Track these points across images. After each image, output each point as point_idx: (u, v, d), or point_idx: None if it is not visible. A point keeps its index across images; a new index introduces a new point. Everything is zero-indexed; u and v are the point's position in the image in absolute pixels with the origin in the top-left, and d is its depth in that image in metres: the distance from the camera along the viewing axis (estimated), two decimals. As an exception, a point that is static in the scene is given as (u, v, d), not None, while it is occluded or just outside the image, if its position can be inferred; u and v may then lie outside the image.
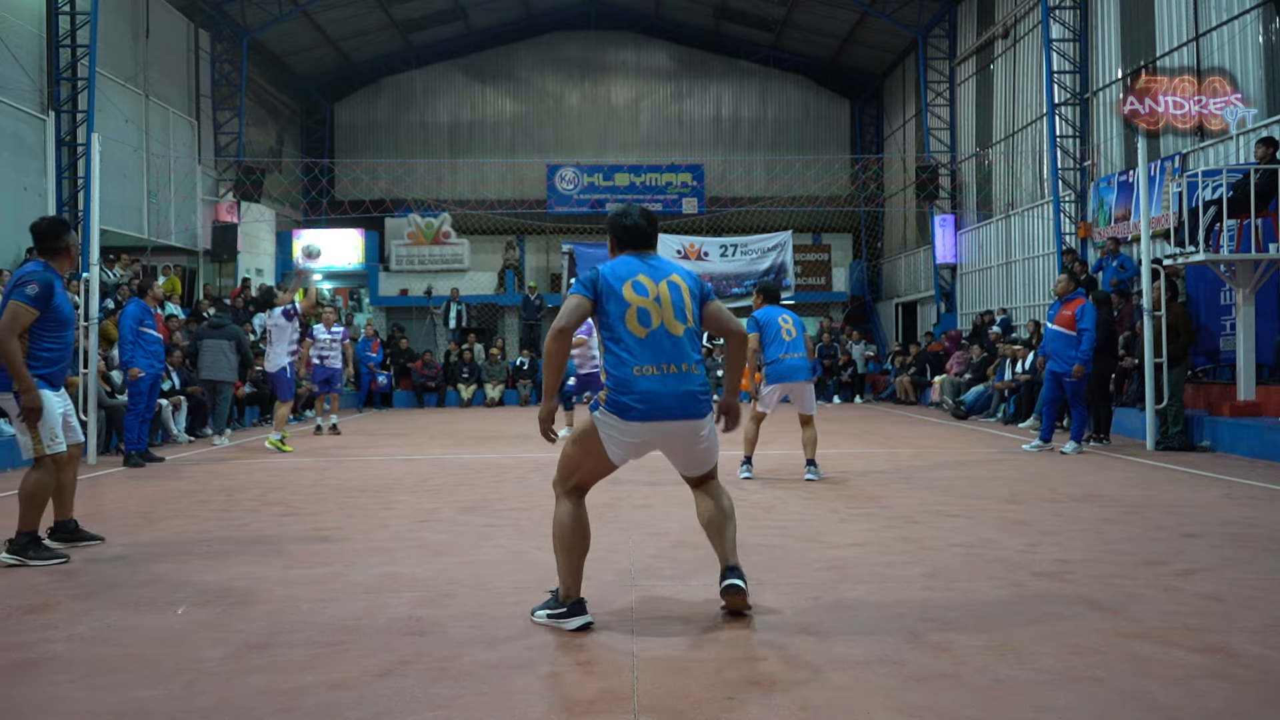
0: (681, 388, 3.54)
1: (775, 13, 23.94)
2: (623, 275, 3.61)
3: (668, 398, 3.51)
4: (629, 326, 3.54)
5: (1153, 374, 9.67)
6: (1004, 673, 3.02)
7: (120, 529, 5.76)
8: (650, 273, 3.64)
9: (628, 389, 3.50)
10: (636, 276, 3.61)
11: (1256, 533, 5.29)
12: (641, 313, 3.55)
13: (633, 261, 3.68)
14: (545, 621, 3.56)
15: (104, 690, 2.96)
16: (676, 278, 3.69)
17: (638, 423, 3.51)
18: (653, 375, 3.51)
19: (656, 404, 3.50)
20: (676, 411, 3.53)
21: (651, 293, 3.59)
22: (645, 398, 3.49)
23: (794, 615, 3.70)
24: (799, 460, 9.03)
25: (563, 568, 3.58)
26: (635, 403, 3.50)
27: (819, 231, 25.82)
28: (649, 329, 3.55)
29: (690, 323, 3.63)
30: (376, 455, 10.14)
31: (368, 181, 23.74)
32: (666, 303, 3.59)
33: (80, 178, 15.20)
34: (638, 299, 3.56)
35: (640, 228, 3.76)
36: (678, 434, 3.58)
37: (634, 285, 3.58)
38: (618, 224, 3.77)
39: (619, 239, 3.76)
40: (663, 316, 3.57)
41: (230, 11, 20.54)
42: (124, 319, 9.25)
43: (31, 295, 4.80)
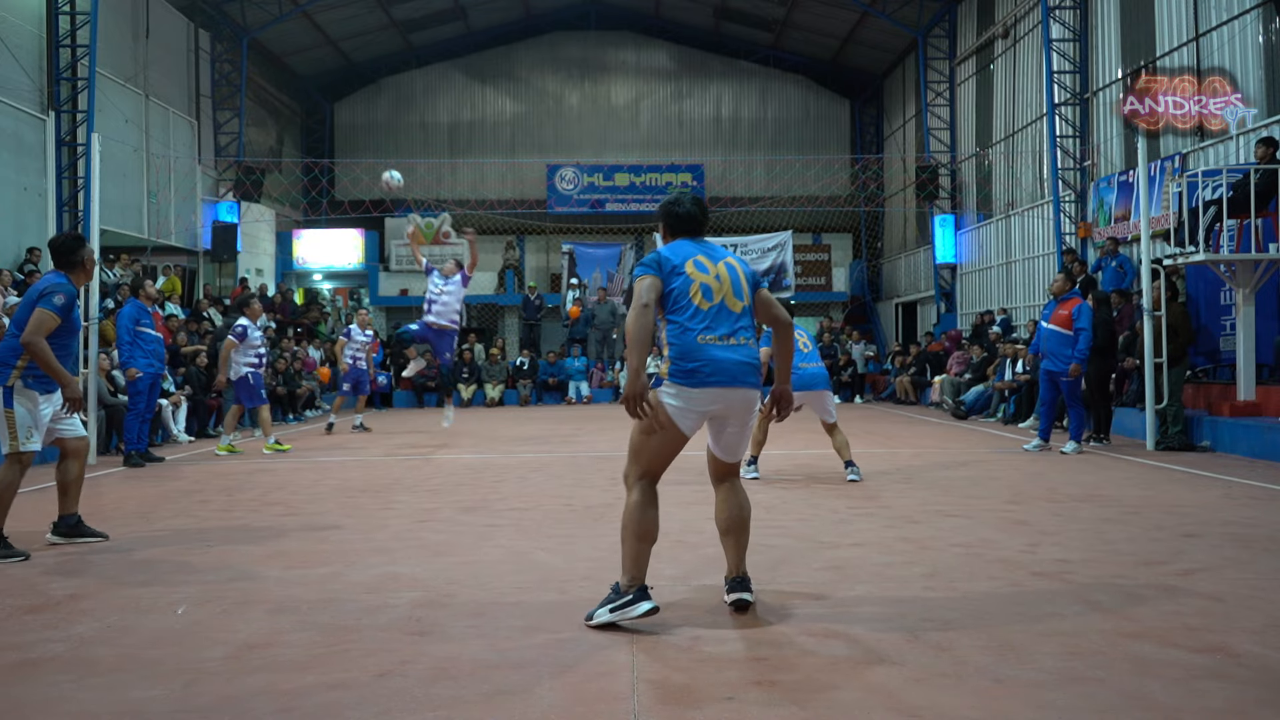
0: (743, 357, 3.68)
1: (775, 13, 23.94)
2: (684, 256, 3.77)
3: (732, 365, 3.64)
4: (694, 300, 3.68)
5: (1153, 374, 9.67)
6: (1004, 673, 3.03)
7: (120, 529, 5.76)
8: (708, 254, 3.80)
9: (695, 356, 3.61)
10: (696, 257, 3.76)
11: (1256, 533, 5.29)
12: (704, 287, 3.70)
13: (689, 245, 3.84)
14: (609, 619, 3.51)
15: (104, 690, 2.96)
16: (732, 260, 3.86)
17: (705, 388, 3.61)
18: (717, 344, 3.64)
19: (722, 370, 3.62)
20: (740, 379, 3.66)
21: (711, 271, 3.75)
22: (712, 363, 3.61)
23: (794, 615, 3.70)
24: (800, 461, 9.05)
25: (630, 555, 3.58)
26: (703, 368, 3.60)
27: (819, 231, 25.82)
28: (711, 303, 3.69)
29: (746, 301, 3.79)
30: (376, 455, 10.14)
31: (368, 181, 23.71)
32: (725, 281, 3.74)
33: (80, 178, 15.20)
34: (699, 275, 3.72)
35: (693, 214, 3.92)
36: (737, 403, 3.69)
37: (695, 264, 3.74)
38: (671, 211, 3.93)
39: (671, 226, 3.92)
40: (723, 293, 3.72)
41: (230, 11, 20.54)
42: (120, 319, 9.26)
43: (58, 305, 5.13)
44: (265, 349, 10.64)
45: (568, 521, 5.84)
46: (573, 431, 12.98)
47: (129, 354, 9.13)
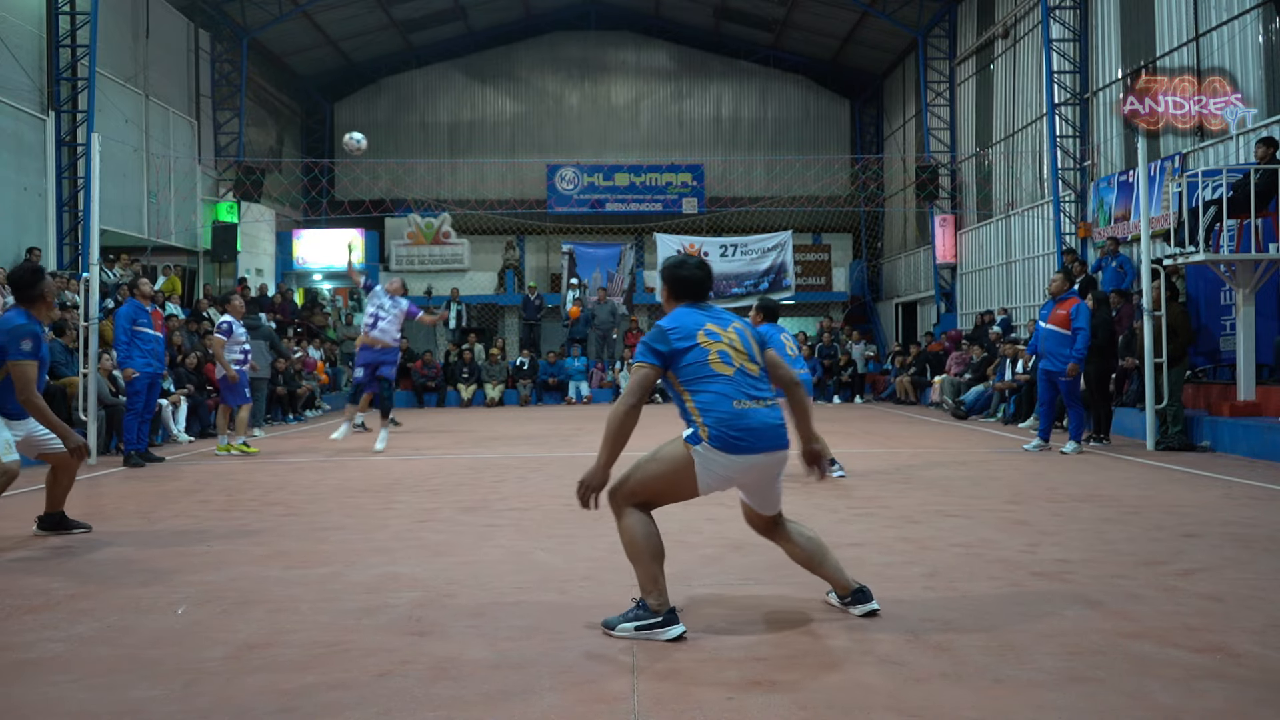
0: (775, 419, 3.58)
1: (775, 13, 23.95)
2: (691, 326, 3.60)
3: (768, 430, 3.53)
4: (715, 368, 3.54)
5: (1152, 374, 9.67)
6: (1004, 673, 3.03)
7: (120, 529, 5.76)
8: (717, 321, 3.66)
9: (735, 424, 3.47)
10: (706, 326, 3.61)
11: (1256, 533, 5.29)
12: (723, 354, 3.57)
13: (695, 313, 3.67)
14: (632, 635, 3.41)
15: (104, 690, 2.96)
16: (740, 324, 3.73)
17: (745, 455, 3.49)
18: (752, 409, 3.52)
19: (760, 436, 3.50)
20: (774, 442, 3.56)
21: (724, 338, 3.60)
22: (751, 431, 3.49)
23: (794, 615, 3.70)
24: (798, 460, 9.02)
25: (649, 577, 3.48)
26: (744, 436, 3.48)
27: (819, 231, 25.83)
28: (733, 368, 3.56)
29: (761, 363, 3.68)
30: (376, 455, 10.13)
31: (368, 181, 23.75)
32: (739, 346, 3.62)
33: (80, 178, 15.21)
34: (714, 344, 3.57)
35: (698, 278, 3.76)
36: (773, 466, 3.59)
37: (706, 333, 3.59)
38: (676, 275, 3.77)
39: (675, 290, 3.76)
40: (741, 359, 3.60)
41: (230, 11, 20.54)
42: (118, 319, 9.24)
43: (28, 350, 5.19)
44: (250, 345, 10.61)
45: (568, 521, 5.84)
46: (573, 431, 12.98)
47: (126, 353, 9.11)
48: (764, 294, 22.93)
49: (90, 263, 9.78)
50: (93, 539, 5.45)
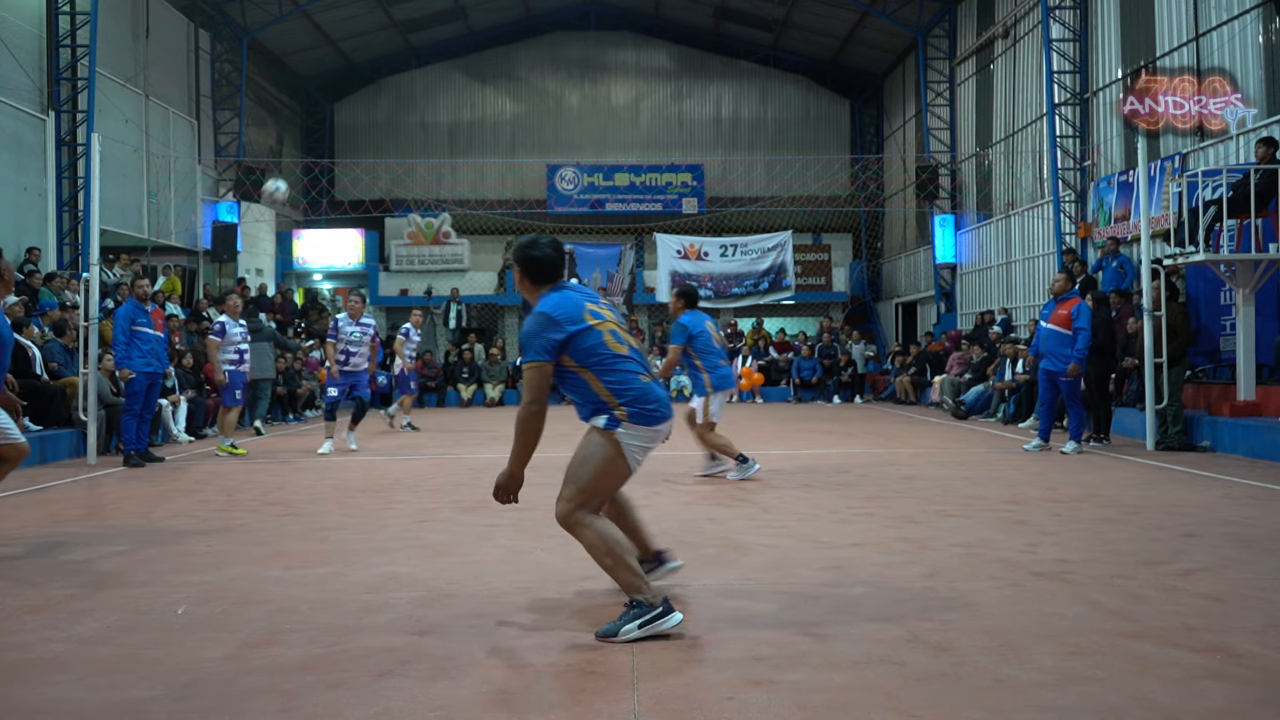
0: (663, 388, 3.81)
1: (775, 13, 23.94)
2: (575, 309, 3.64)
3: (666, 398, 3.76)
4: (613, 349, 3.64)
5: (1152, 374, 9.67)
6: (1004, 673, 3.03)
7: (120, 529, 5.76)
8: (590, 299, 3.76)
9: (647, 398, 3.64)
10: (586, 306, 3.69)
11: (1256, 533, 5.29)
12: (614, 334, 3.69)
13: (569, 294, 3.71)
14: (639, 634, 3.39)
15: (104, 690, 2.96)
16: (606, 301, 3.90)
17: (659, 424, 3.70)
18: (650, 381, 3.72)
19: (665, 404, 3.72)
20: (671, 408, 3.81)
21: (606, 316, 3.72)
22: (660, 401, 3.69)
23: (794, 615, 3.70)
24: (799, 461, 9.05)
25: (630, 578, 3.51)
26: (658, 406, 3.67)
27: (819, 231, 25.83)
28: (625, 345, 3.70)
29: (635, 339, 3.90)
30: (377, 455, 10.14)
31: (368, 181, 23.75)
32: (617, 323, 3.78)
33: (80, 178, 15.21)
34: (602, 324, 3.66)
35: (552, 259, 3.79)
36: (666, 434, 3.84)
37: (591, 314, 3.67)
38: (529, 256, 3.76)
39: (533, 273, 3.75)
40: (625, 335, 3.76)
41: (230, 11, 20.54)
42: (116, 319, 9.21)
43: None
44: (246, 346, 10.58)
45: (568, 521, 5.83)
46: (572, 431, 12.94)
47: (124, 354, 9.09)
48: (764, 294, 23.04)
49: (90, 263, 9.78)
50: (93, 539, 5.44)
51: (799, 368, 20.28)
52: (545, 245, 3.78)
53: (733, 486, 7.32)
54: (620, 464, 3.64)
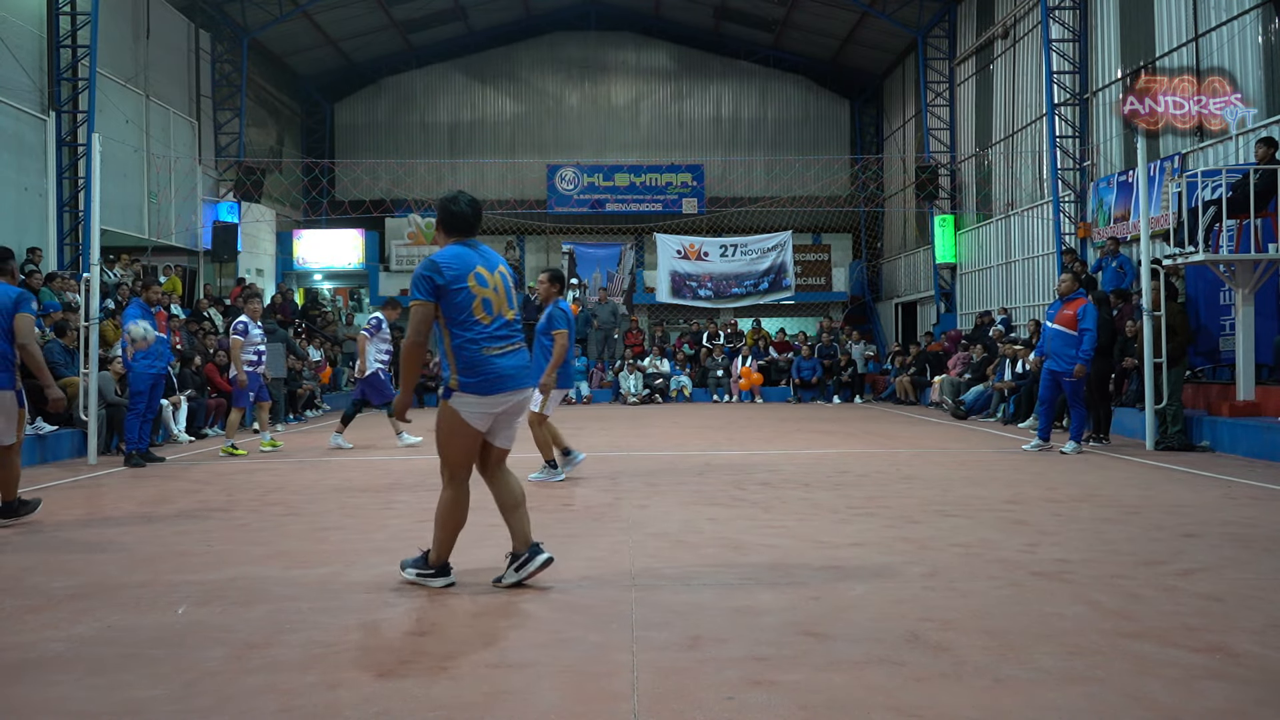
0: (521, 362, 4.12)
1: (775, 13, 23.95)
2: (463, 269, 3.99)
3: (513, 370, 4.06)
4: (476, 315, 3.99)
5: (1152, 374, 9.67)
6: (1004, 673, 3.03)
7: (121, 529, 5.76)
8: (486, 264, 4.07)
9: (481, 369, 3.98)
10: (476, 269, 4.01)
11: (1256, 533, 5.30)
12: (486, 302, 4.02)
13: (467, 253, 4.06)
14: (413, 578, 4.16)
15: (104, 690, 2.97)
16: (503, 269, 4.16)
17: (496, 395, 4.02)
18: (497, 355, 4.02)
19: (506, 376, 4.03)
20: (521, 382, 4.11)
21: (490, 283, 4.04)
22: (499, 373, 4.01)
23: (794, 615, 3.70)
24: (799, 461, 9.05)
25: (442, 541, 4.13)
26: (492, 378, 3.99)
27: (819, 231, 25.84)
28: (492, 316, 4.03)
29: (517, 308, 4.19)
30: (377, 455, 10.14)
31: (368, 181, 23.76)
32: (501, 291, 4.08)
33: (81, 178, 15.21)
34: (481, 290, 4.00)
35: (467, 215, 4.13)
36: (520, 402, 4.15)
37: (476, 277, 4.00)
38: (447, 209, 4.13)
39: (447, 225, 4.13)
40: (500, 304, 4.07)
41: (230, 11, 20.55)
42: (124, 320, 9.21)
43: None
44: (265, 348, 10.63)
45: (568, 521, 5.84)
46: (572, 431, 12.96)
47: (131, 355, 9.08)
48: (764, 294, 23.04)
49: (91, 263, 9.78)
50: (93, 538, 5.45)
51: (799, 368, 20.29)
52: (464, 202, 4.13)
53: (733, 486, 7.32)
54: (461, 427, 4.03)
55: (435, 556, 4.16)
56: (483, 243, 4.22)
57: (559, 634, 3.49)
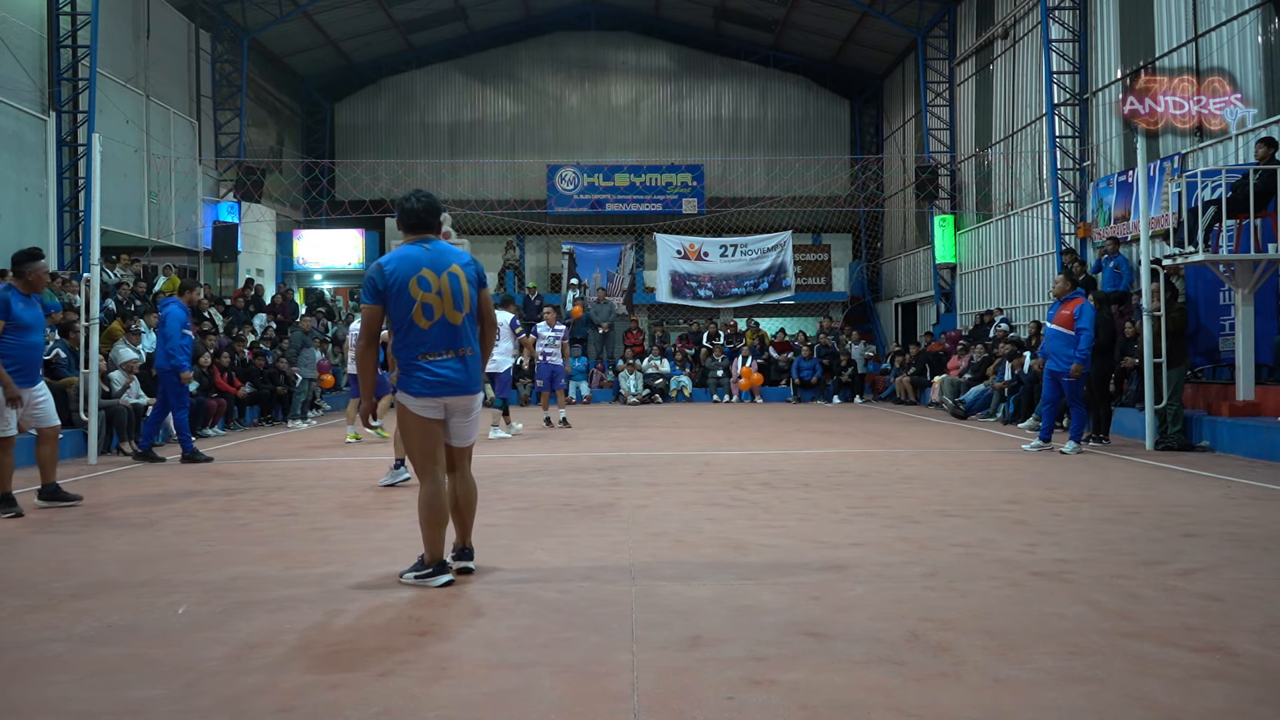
0: (456, 371, 4.10)
1: (775, 13, 23.95)
2: (407, 273, 4.04)
3: (451, 375, 4.08)
4: (416, 320, 4.04)
5: (1152, 374, 9.67)
6: (1004, 673, 3.03)
7: (121, 529, 5.76)
8: (434, 265, 4.08)
9: (416, 374, 4.07)
10: (420, 272, 4.04)
11: (1256, 533, 5.30)
12: (426, 307, 4.04)
13: (416, 254, 4.10)
14: (412, 582, 4.13)
15: (104, 690, 2.97)
16: (456, 268, 4.13)
17: (428, 398, 4.09)
18: (434, 361, 4.06)
19: (442, 381, 4.07)
20: (460, 387, 4.12)
21: (434, 286, 4.05)
22: (432, 377, 4.06)
23: (794, 615, 3.70)
24: (799, 461, 9.04)
25: (429, 539, 4.14)
26: (424, 381, 4.06)
27: (819, 231, 25.84)
28: (431, 320, 4.05)
29: (468, 309, 4.15)
30: (377, 455, 10.13)
31: (368, 181, 23.76)
32: (447, 295, 4.07)
33: (81, 178, 15.21)
34: (421, 294, 4.03)
35: (415, 209, 4.19)
36: (458, 407, 4.17)
37: (419, 281, 4.03)
38: (401, 206, 4.24)
39: (401, 222, 4.24)
40: (443, 308, 4.06)
41: (230, 11, 20.55)
42: (171, 321, 9.20)
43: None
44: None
45: (568, 521, 5.84)
46: (572, 431, 12.98)
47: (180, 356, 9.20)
48: (764, 294, 23.04)
49: (91, 263, 9.78)
50: (93, 538, 5.45)
51: (799, 368, 20.29)
52: (416, 199, 4.21)
53: (733, 486, 7.32)
54: (412, 419, 4.12)
55: (428, 555, 4.18)
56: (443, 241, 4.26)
57: (559, 634, 3.49)
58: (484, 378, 4.62)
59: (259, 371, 14.72)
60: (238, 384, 13.95)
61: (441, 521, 4.17)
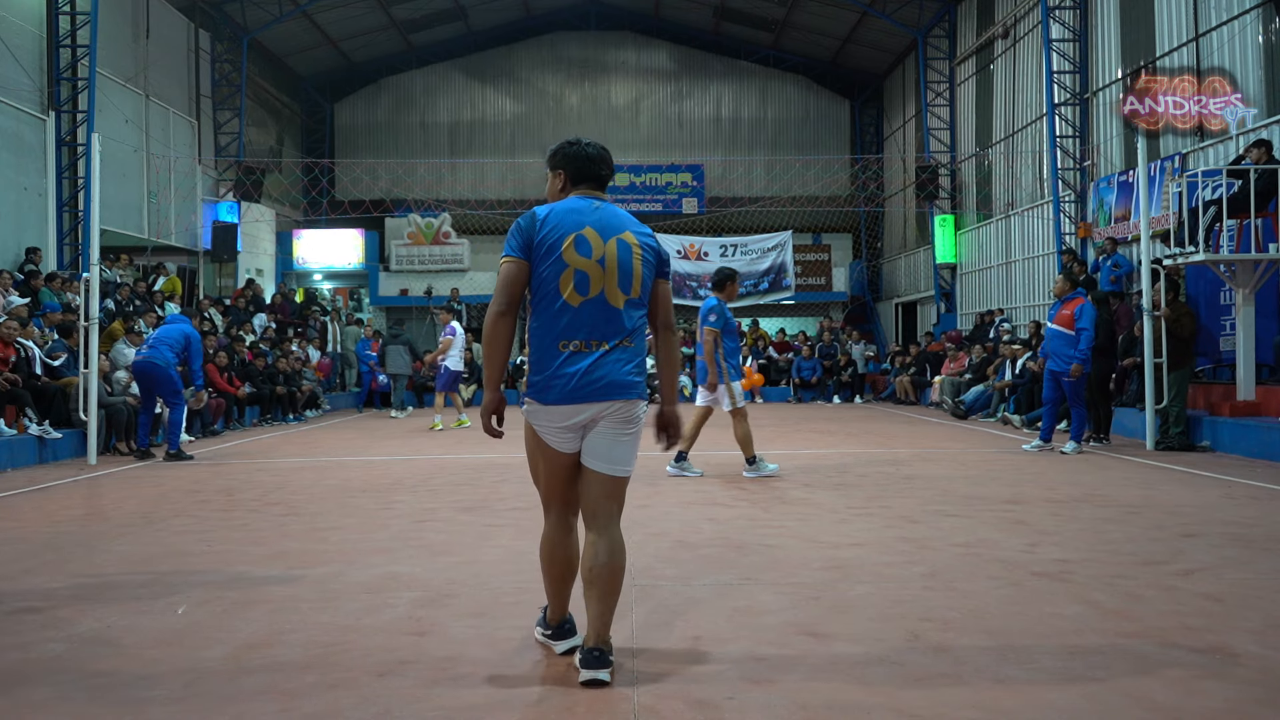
0: (602, 369, 3.03)
1: (775, 13, 23.94)
2: (567, 228, 3.03)
3: (595, 379, 3.02)
4: (563, 294, 3.01)
5: (1152, 374, 9.67)
6: (1004, 673, 3.03)
7: (121, 529, 5.76)
8: (599, 226, 3.06)
9: (549, 366, 3.03)
10: (581, 231, 3.04)
11: (1256, 533, 5.29)
12: (580, 276, 3.02)
13: (580, 209, 3.10)
14: (539, 639, 3.37)
15: (104, 690, 2.96)
16: (630, 236, 3.10)
17: (558, 406, 3.03)
18: (576, 352, 3.02)
19: (582, 384, 3.01)
20: (606, 394, 3.03)
21: (596, 252, 3.03)
22: (566, 377, 3.01)
23: (794, 615, 3.70)
24: (797, 460, 9.04)
25: (549, 593, 3.29)
26: (557, 382, 3.02)
27: (819, 231, 25.82)
28: (584, 297, 3.02)
29: (635, 293, 3.09)
30: (377, 455, 10.14)
31: (368, 181, 23.75)
32: (612, 266, 3.04)
33: (80, 178, 15.20)
34: (578, 260, 3.02)
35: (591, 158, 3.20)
36: (606, 416, 3.07)
37: (577, 242, 3.02)
38: (570, 153, 3.21)
39: (572, 172, 3.20)
40: (604, 283, 3.03)
41: (230, 11, 20.54)
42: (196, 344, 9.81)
43: None
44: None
45: (568, 521, 5.83)
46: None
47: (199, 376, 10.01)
48: (764, 294, 23.03)
49: (91, 263, 9.78)
50: (93, 539, 5.45)
51: (799, 368, 20.28)
52: (589, 144, 3.23)
53: (733, 486, 7.32)
54: (537, 443, 3.15)
55: (551, 613, 3.29)
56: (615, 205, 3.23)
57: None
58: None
59: (259, 371, 14.73)
60: (238, 384, 13.95)
61: (562, 575, 3.23)
